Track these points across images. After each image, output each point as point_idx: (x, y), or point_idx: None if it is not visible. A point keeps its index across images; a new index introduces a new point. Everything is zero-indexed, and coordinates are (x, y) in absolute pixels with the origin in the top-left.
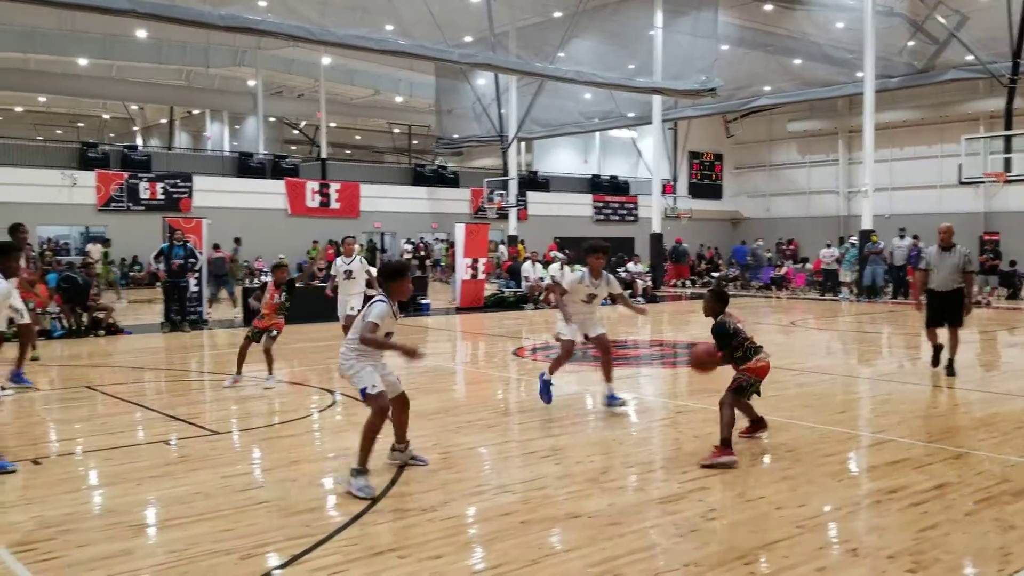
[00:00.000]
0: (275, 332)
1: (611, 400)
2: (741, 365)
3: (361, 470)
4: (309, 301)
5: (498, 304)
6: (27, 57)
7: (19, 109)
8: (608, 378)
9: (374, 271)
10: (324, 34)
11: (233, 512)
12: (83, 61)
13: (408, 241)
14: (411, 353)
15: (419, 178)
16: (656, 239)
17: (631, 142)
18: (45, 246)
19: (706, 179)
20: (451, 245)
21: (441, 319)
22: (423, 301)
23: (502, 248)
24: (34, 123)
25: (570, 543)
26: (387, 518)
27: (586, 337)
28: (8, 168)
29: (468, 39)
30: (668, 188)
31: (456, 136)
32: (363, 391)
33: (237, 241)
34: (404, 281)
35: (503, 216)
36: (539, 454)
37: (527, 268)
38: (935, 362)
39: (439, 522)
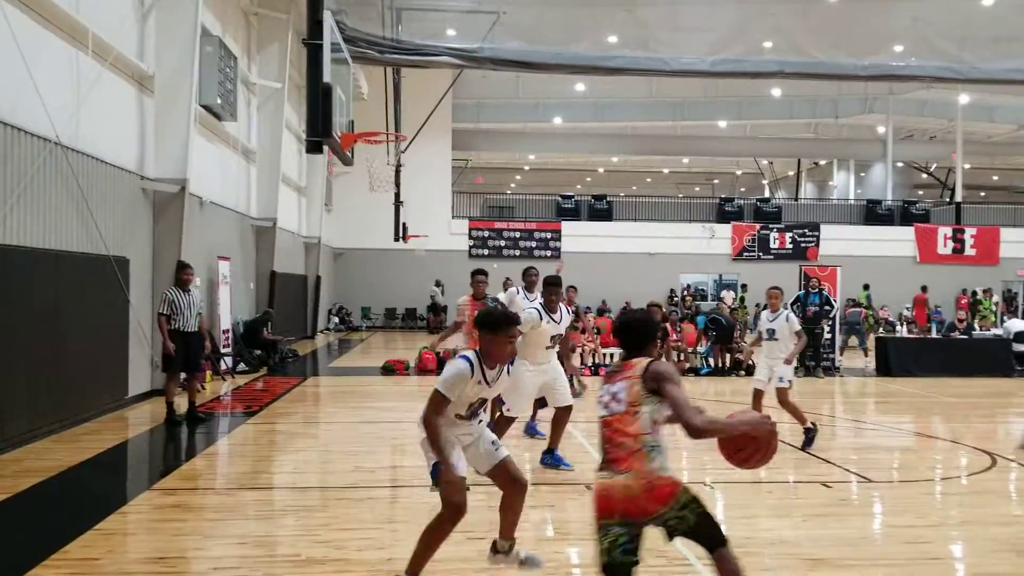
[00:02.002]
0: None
1: None
2: None
3: None
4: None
5: None
6: (676, 124)
7: (666, 171)
8: None
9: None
10: (971, 72)
11: (906, 563)
12: (722, 123)
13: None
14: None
15: None
16: None
17: None
18: (685, 292)
19: None
20: None
21: None
22: None
23: None
24: (677, 182)
25: None
26: None
27: None
28: (656, 223)
29: None
30: None
31: None
32: None
33: (866, 287)
34: (495, 337)
35: None
36: None
37: None
38: None
39: None
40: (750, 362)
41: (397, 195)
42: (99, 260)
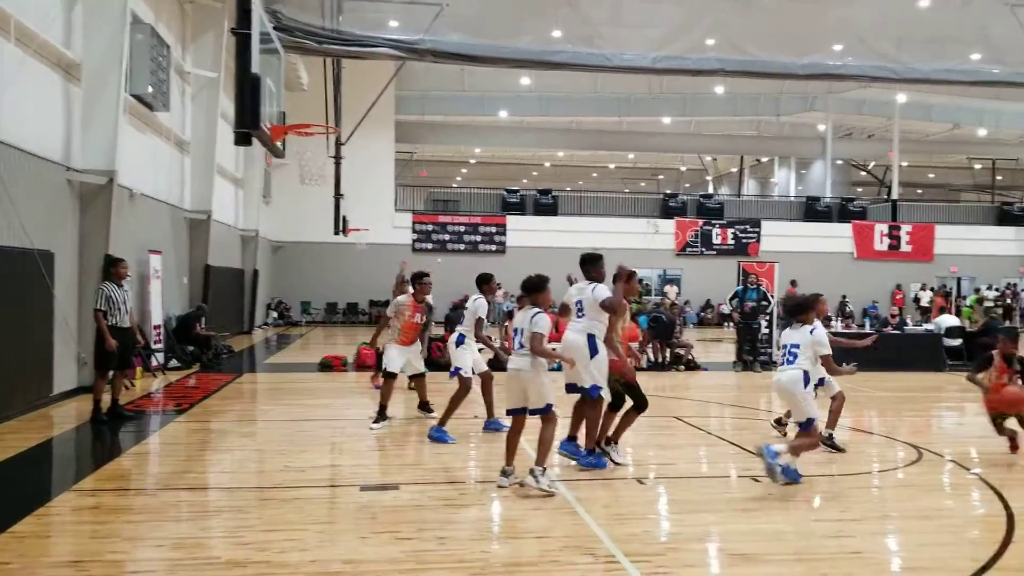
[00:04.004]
0: None
1: None
2: None
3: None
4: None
5: None
6: (621, 120)
7: (611, 166)
8: None
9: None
10: (906, 71)
11: (828, 557)
12: (667, 120)
13: (991, 287)
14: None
15: (1005, 217)
16: None
17: None
18: None
19: None
20: None
21: None
22: None
23: None
24: (622, 177)
25: None
26: None
27: None
28: (601, 218)
29: None
30: None
31: None
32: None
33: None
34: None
35: None
36: None
37: None
38: None
39: None
40: (689, 357)
41: (337, 188)
42: (22, 253)
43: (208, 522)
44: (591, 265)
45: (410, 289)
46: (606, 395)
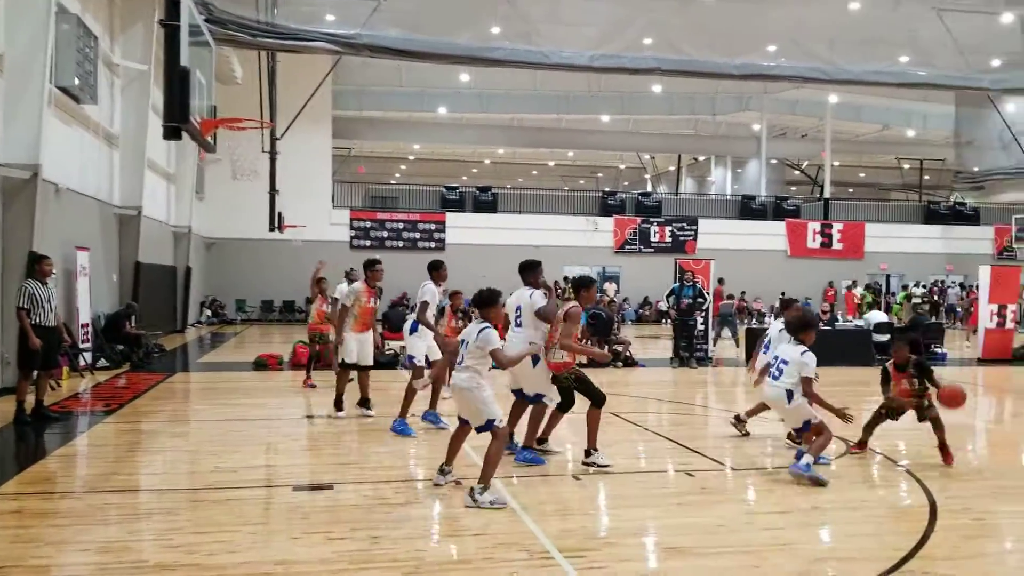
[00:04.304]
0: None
1: None
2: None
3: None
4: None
5: None
6: (561, 117)
7: (551, 163)
8: None
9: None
10: (838, 72)
11: (759, 549)
12: (605, 118)
13: (918, 284)
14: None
15: (932, 216)
16: None
17: None
18: (566, 284)
19: None
20: (970, 289)
21: (959, 372)
22: (938, 351)
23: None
24: (562, 175)
25: None
26: None
27: None
28: (541, 215)
29: (996, 63)
30: None
31: (977, 169)
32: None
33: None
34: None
35: None
36: None
37: None
38: None
39: None
40: (628, 354)
41: (272, 184)
42: None
43: (137, 525)
44: (528, 272)
45: (345, 285)
46: (549, 400)
